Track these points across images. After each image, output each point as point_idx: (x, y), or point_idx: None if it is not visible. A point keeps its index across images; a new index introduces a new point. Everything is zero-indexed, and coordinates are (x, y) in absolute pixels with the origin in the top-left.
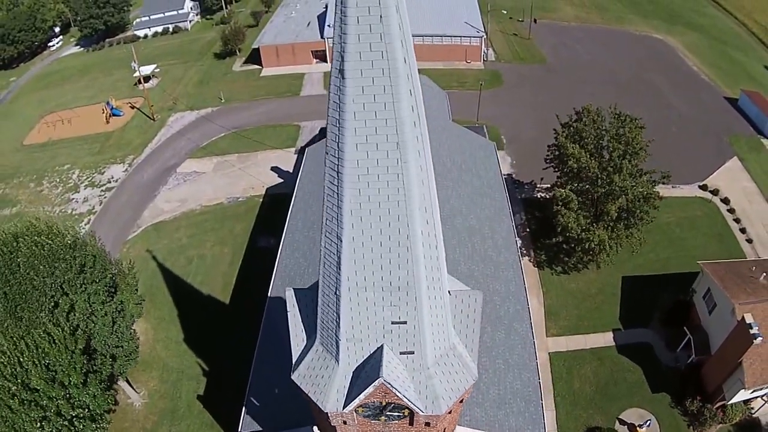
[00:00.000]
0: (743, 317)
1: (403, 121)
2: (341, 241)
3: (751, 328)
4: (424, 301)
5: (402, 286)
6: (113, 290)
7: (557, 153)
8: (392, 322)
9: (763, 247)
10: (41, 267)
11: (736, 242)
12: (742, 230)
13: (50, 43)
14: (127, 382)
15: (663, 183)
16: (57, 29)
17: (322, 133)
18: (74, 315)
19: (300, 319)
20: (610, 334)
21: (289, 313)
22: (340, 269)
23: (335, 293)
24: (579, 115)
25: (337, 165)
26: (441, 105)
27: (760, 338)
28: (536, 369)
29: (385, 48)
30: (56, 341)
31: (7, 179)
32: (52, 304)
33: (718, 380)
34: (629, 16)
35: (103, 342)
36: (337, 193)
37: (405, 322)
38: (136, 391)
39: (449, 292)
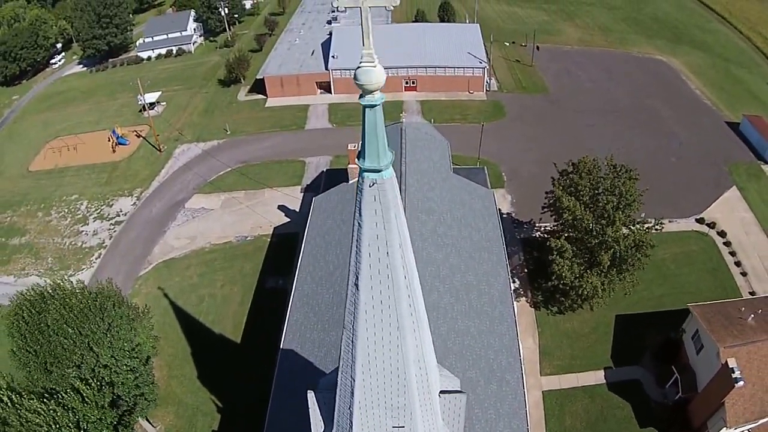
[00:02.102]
0: (726, 362)
1: (403, 315)
2: (354, 380)
3: (734, 372)
4: (417, 413)
5: (400, 406)
6: (134, 341)
7: (553, 202)
8: (393, 427)
9: (758, 280)
10: (70, 330)
11: (731, 276)
12: (737, 263)
13: (52, 60)
14: (145, 417)
15: (656, 230)
16: (59, 45)
17: (329, 175)
18: (100, 370)
19: (319, 413)
20: (602, 372)
21: (310, 410)
22: (353, 396)
23: (349, 409)
24: (575, 167)
25: (353, 338)
26: (443, 156)
27: (741, 382)
28: (525, 417)
29: (390, 273)
30: (86, 399)
31: (14, 206)
32: (80, 360)
33: (703, 417)
34: (633, 37)
35: (127, 392)
36: (352, 354)
37: (403, 427)
38: (153, 426)
39: (439, 394)
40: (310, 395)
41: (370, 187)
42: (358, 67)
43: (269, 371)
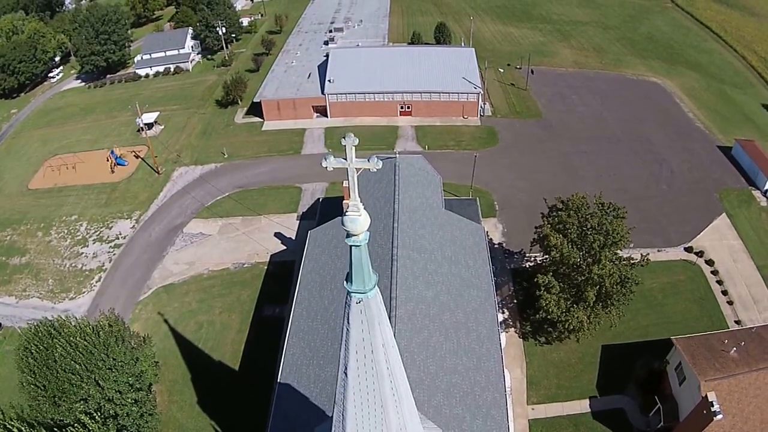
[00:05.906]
0: (707, 395)
1: (386, 396)
2: None
3: (713, 406)
4: None
5: None
6: (137, 368)
7: (542, 238)
8: None
9: (744, 308)
10: (77, 366)
11: (717, 305)
12: (724, 292)
13: (50, 74)
14: None
15: (641, 265)
16: (57, 59)
17: (324, 204)
18: (105, 404)
19: None
20: (587, 401)
21: None
22: None
23: None
24: (564, 204)
25: (343, 412)
26: (435, 192)
27: (720, 416)
28: None
29: (374, 366)
30: None
31: (14, 224)
32: (86, 395)
33: None
34: (627, 58)
35: (131, 422)
36: (342, 425)
37: None
38: None
39: None
40: None
41: (356, 303)
42: (345, 215)
43: (267, 398)
